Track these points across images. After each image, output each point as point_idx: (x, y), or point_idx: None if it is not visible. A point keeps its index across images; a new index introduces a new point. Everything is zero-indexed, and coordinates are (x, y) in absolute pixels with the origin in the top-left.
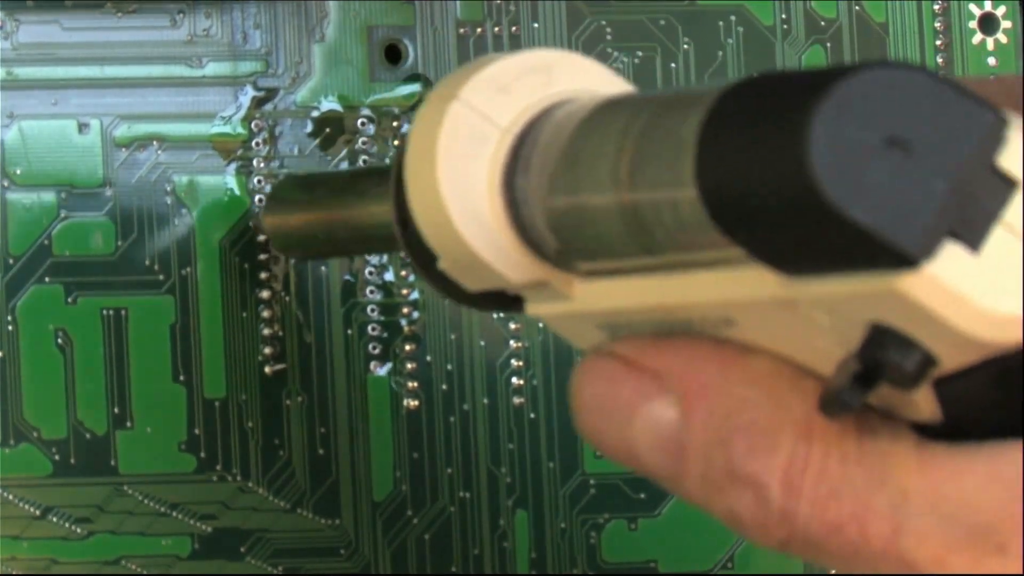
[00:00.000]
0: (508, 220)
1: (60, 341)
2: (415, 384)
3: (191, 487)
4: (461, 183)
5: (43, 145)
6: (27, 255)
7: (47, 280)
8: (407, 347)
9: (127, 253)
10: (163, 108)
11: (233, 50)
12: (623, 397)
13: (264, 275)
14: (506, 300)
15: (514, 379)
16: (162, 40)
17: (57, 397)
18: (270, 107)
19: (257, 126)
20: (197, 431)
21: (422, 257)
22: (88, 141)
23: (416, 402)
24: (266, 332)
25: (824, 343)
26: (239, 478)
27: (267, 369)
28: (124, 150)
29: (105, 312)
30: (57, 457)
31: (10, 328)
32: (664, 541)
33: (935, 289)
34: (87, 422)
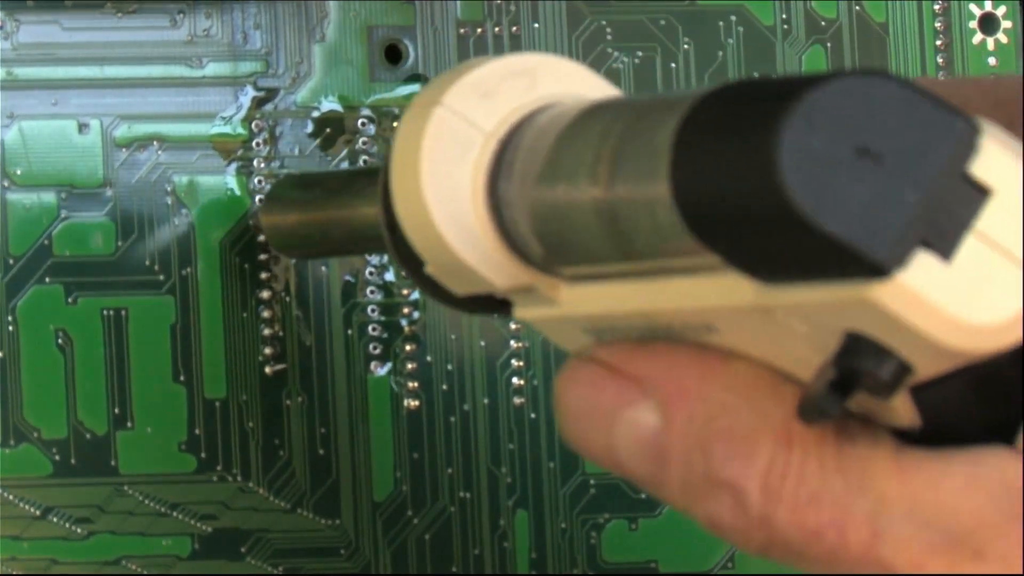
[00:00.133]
0: (492, 225)
1: (60, 341)
2: (415, 384)
3: (191, 487)
4: (445, 188)
5: (43, 145)
6: (27, 255)
7: (47, 280)
8: (407, 347)
9: (127, 253)
10: (163, 108)
11: (233, 50)
12: (605, 402)
13: (264, 275)
14: (494, 304)
15: (514, 379)
16: (162, 40)
17: (57, 397)
18: (270, 107)
19: (257, 126)
20: (197, 431)
21: (410, 261)
22: (88, 141)
23: (416, 402)
24: (266, 332)
25: (803, 350)
26: (239, 478)
27: (267, 369)
28: (124, 150)
29: (105, 312)
30: (57, 457)
31: (10, 328)
32: (664, 541)
33: (907, 298)
34: (87, 422)
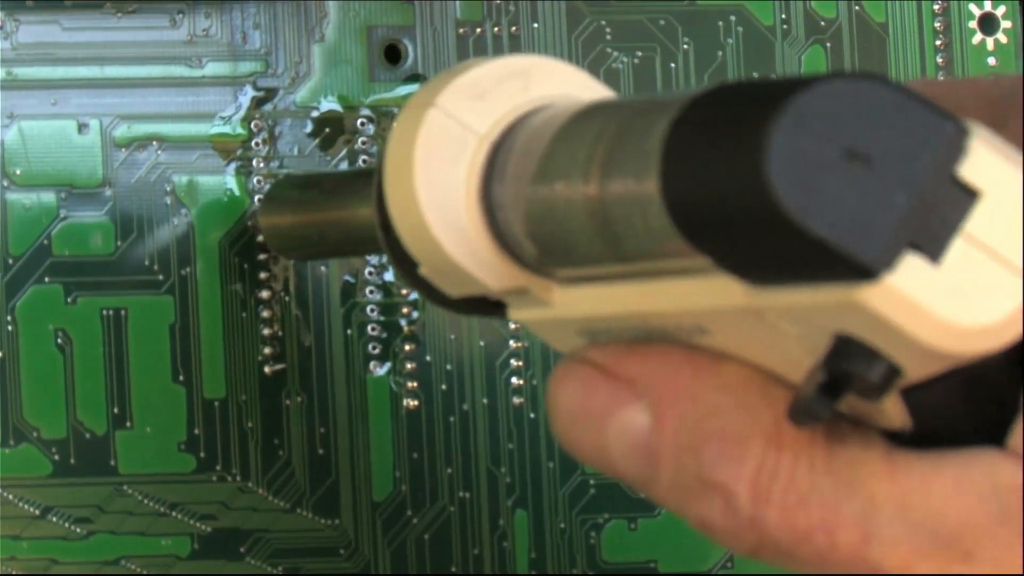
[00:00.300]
0: (486, 227)
1: (60, 341)
2: (415, 384)
3: (191, 487)
4: (439, 191)
5: (43, 145)
6: (27, 255)
7: (47, 280)
8: (407, 347)
9: (127, 253)
10: (163, 108)
11: (233, 50)
12: (597, 404)
13: (264, 275)
14: (488, 305)
15: (514, 379)
16: (162, 40)
17: (57, 397)
18: (270, 107)
19: (257, 126)
20: (197, 431)
21: (404, 262)
22: (88, 141)
23: (416, 402)
24: (266, 332)
25: (794, 351)
26: (239, 478)
27: (267, 369)
28: (124, 150)
29: (105, 312)
30: (57, 457)
31: (10, 328)
32: (664, 541)
33: (895, 301)
34: (87, 422)
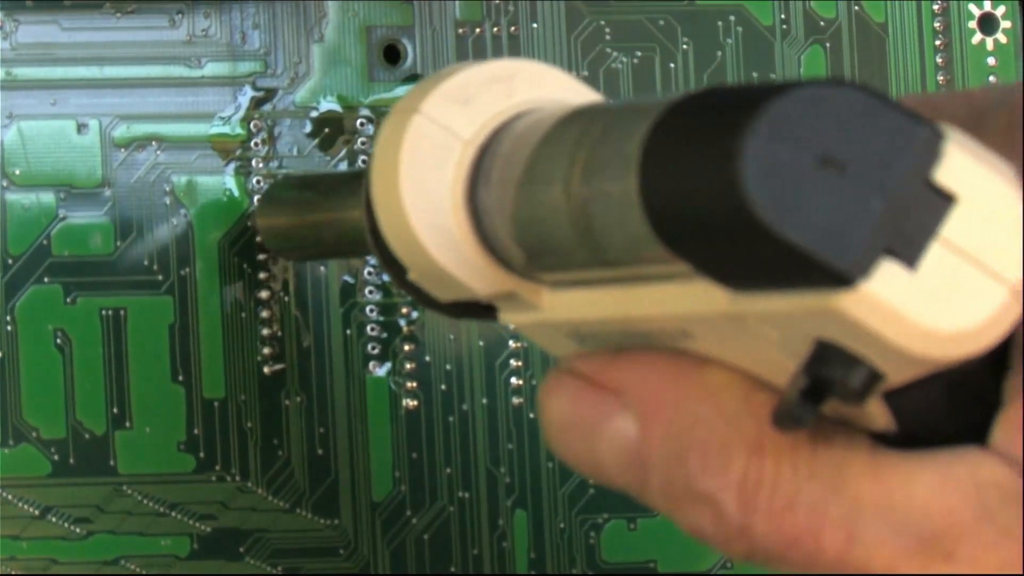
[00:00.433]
0: (472, 232)
1: (59, 341)
2: (414, 384)
3: (190, 487)
4: (424, 196)
5: (42, 145)
6: (26, 255)
7: (46, 280)
8: (406, 347)
9: (126, 253)
10: (162, 108)
11: (232, 50)
12: (586, 415)
13: (263, 275)
14: (479, 309)
15: (513, 379)
16: (161, 40)
17: (56, 397)
18: (269, 107)
19: (256, 126)
20: (196, 431)
21: (394, 266)
22: (87, 141)
23: (415, 402)
24: (265, 332)
25: (776, 355)
26: (238, 478)
27: (266, 369)
28: (123, 150)
29: (104, 312)
30: (56, 457)
31: (9, 328)
32: (663, 541)
33: (872, 307)
34: (86, 422)
